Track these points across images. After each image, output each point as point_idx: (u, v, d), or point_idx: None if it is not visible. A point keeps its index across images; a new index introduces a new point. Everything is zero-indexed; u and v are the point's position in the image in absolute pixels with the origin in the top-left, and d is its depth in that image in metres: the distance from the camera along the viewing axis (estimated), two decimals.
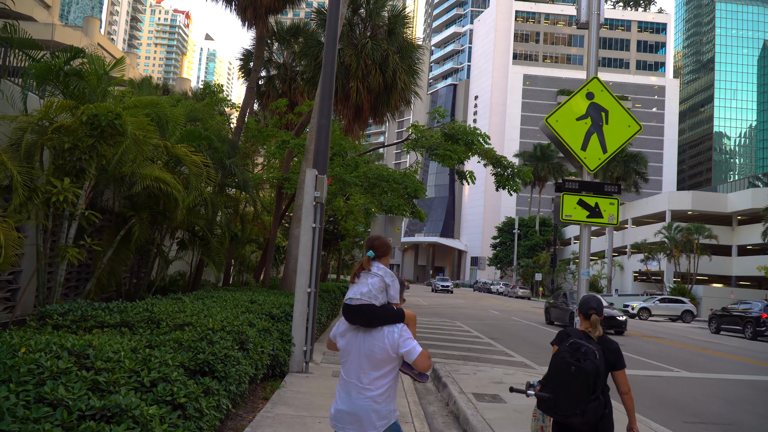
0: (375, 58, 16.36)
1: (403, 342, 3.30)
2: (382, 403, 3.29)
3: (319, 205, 9.56)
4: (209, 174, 11.14)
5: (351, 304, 3.40)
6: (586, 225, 6.31)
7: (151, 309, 7.74)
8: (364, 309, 3.36)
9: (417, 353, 3.27)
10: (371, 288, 3.38)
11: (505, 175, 16.71)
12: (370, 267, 3.49)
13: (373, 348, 3.31)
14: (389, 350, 3.29)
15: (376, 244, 3.57)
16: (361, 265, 3.52)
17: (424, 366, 3.31)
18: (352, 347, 3.39)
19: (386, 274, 3.47)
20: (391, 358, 3.31)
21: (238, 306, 9.34)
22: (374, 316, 3.35)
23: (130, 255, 11.50)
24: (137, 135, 8.74)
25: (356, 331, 3.41)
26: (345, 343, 3.44)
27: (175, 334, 5.91)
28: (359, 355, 3.34)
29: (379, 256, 3.54)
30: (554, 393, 3.74)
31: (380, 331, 3.34)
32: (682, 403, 9.43)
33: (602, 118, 6.40)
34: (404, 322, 3.41)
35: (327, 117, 10.40)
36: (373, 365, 3.30)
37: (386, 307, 3.41)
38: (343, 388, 3.39)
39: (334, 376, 9.06)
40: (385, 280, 3.43)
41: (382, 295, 3.40)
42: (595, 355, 3.72)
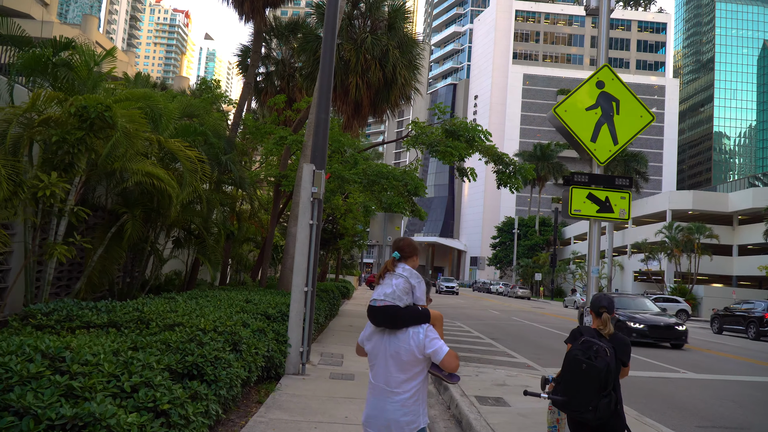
0: (375, 53, 16.05)
1: (429, 342, 3.24)
2: (410, 406, 3.25)
3: (316, 201, 9.25)
4: (203, 169, 10.81)
5: (375, 306, 3.36)
6: (596, 220, 6.01)
7: (141, 309, 7.45)
8: (388, 310, 3.31)
9: (444, 353, 3.21)
10: (395, 289, 3.32)
11: (506, 173, 16.42)
12: (395, 268, 3.43)
13: (399, 350, 3.26)
14: (415, 351, 3.24)
15: (402, 245, 3.52)
16: (386, 266, 3.48)
17: (451, 366, 3.25)
18: (378, 350, 3.36)
19: (411, 275, 3.40)
20: (418, 360, 3.26)
21: (233, 306, 9.05)
22: (398, 317, 3.30)
23: (123, 253, 11.18)
24: (128, 128, 8.42)
25: (382, 333, 3.38)
26: (371, 347, 3.42)
27: (163, 335, 5.61)
28: (386, 358, 3.31)
29: (405, 257, 3.49)
30: (567, 391, 3.86)
31: (405, 332, 3.29)
32: (692, 406, 9.12)
33: (613, 108, 6.09)
34: (430, 323, 3.36)
35: (325, 111, 10.10)
36: (400, 368, 3.26)
37: (411, 307, 3.34)
38: (372, 392, 3.37)
39: (332, 378, 8.75)
40: (411, 282, 3.37)
41: (407, 297, 3.33)
42: (606, 352, 3.81)
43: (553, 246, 69.48)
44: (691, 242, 47.20)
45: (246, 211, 17.93)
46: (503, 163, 16.60)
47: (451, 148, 14.57)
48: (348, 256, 56.13)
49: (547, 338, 18.70)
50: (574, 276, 66.26)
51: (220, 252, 15.65)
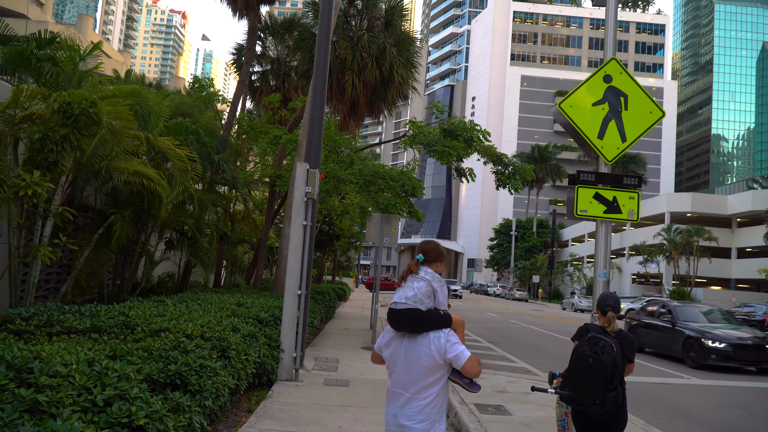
0: (371, 51, 15.74)
1: (450, 347, 3.17)
2: (428, 413, 3.18)
3: (310, 201, 8.94)
4: (194, 168, 10.50)
5: (396, 308, 3.29)
6: (604, 221, 5.71)
7: (127, 313, 7.14)
8: (410, 313, 3.23)
9: (465, 358, 3.13)
10: (417, 292, 3.25)
11: (505, 174, 16.12)
12: (418, 270, 3.37)
13: (419, 355, 3.19)
14: (436, 356, 3.17)
15: (427, 248, 3.47)
16: (410, 268, 3.41)
17: (473, 372, 3.17)
18: (397, 356, 3.29)
19: (434, 278, 3.34)
20: (438, 366, 3.18)
21: (224, 309, 8.74)
22: (420, 320, 3.23)
23: (111, 255, 10.86)
24: (114, 125, 8.11)
25: (401, 338, 3.30)
26: (390, 353, 3.35)
27: (146, 342, 5.30)
28: (405, 364, 3.24)
29: (429, 261, 3.43)
30: (574, 385, 4.02)
31: (426, 336, 3.22)
32: (699, 414, 8.82)
33: (621, 104, 5.80)
34: (452, 327, 3.29)
35: (320, 108, 9.80)
36: (419, 374, 3.19)
37: (432, 311, 3.27)
38: (391, 398, 3.31)
39: (326, 384, 8.44)
40: (433, 285, 3.30)
41: (429, 300, 3.26)
42: (613, 348, 3.96)
43: (550, 248, 69.22)
44: (690, 245, 46.96)
45: (240, 212, 17.61)
46: (502, 163, 16.30)
47: (449, 148, 14.28)
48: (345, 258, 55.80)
49: (546, 342, 18.40)
50: (572, 278, 66.00)
51: (214, 254, 15.34)
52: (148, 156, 11.43)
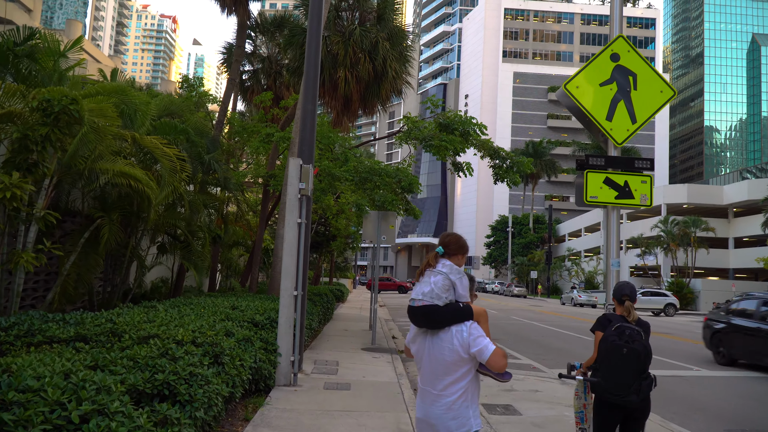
0: (364, 46, 15.40)
1: (473, 341, 3.07)
2: (458, 409, 3.08)
3: (304, 198, 8.60)
4: (184, 168, 10.13)
5: (413, 306, 3.22)
6: (615, 207, 5.39)
7: (115, 320, 6.78)
8: (427, 310, 3.16)
9: (489, 352, 3.04)
10: (434, 287, 3.15)
11: (503, 167, 15.80)
12: (435, 264, 3.25)
13: (443, 350, 3.11)
14: (460, 351, 3.07)
15: (448, 240, 3.33)
16: (427, 261, 3.29)
17: (498, 365, 3.05)
18: (422, 352, 3.24)
19: (452, 270, 3.21)
20: (464, 360, 3.09)
21: (217, 313, 8.38)
22: (438, 316, 3.13)
23: (100, 260, 10.49)
24: (97, 123, 7.74)
25: (425, 334, 3.24)
26: (416, 349, 3.29)
27: (133, 350, 4.94)
28: (430, 360, 3.17)
29: (450, 253, 3.30)
30: (608, 376, 3.97)
31: (448, 331, 3.13)
32: (716, 407, 8.52)
33: (630, 83, 5.49)
34: (474, 319, 3.17)
35: (312, 102, 9.47)
36: (445, 369, 3.11)
37: (451, 305, 3.15)
38: (420, 396, 3.25)
39: (326, 388, 8.09)
40: (450, 278, 3.17)
41: (447, 294, 3.15)
42: (641, 335, 3.98)
43: (548, 243, 69.02)
44: (688, 236, 46.80)
45: (233, 213, 17.25)
46: (499, 157, 15.98)
47: (446, 142, 13.94)
48: (341, 259, 55.46)
49: (549, 337, 18.09)
50: (569, 273, 65.83)
51: (207, 257, 14.98)
52: (136, 157, 11.07)
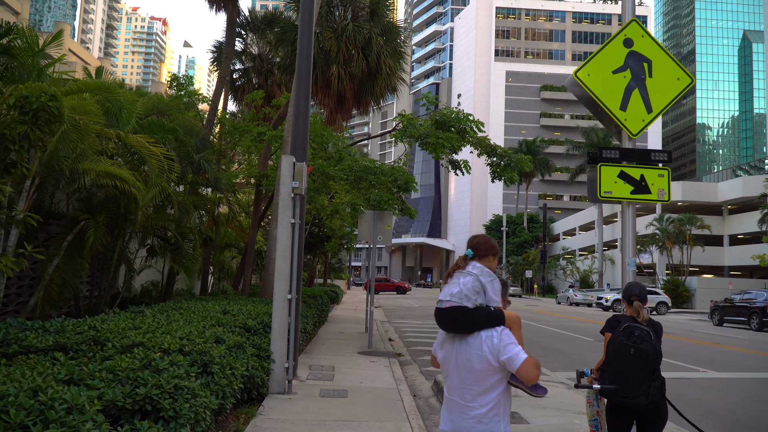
0: (357, 42, 15.03)
1: (503, 348, 2.85)
2: (488, 423, 2.89)
3: (298, 197, 8.23)
4: (171, 167, 9.74)
5: (440, 307, 3.03)
6: (630, 203, 5.05)
7: (98, 327, 6.39)
8: (455, 312, 2.96)
9: (520, 361, 2.80)
10: (462, 288, 2.97)
11: (501, 165, 15.48)
12: (465, 266, 3.08)
13: (471, 357, 2.91)
14: (489, 359, 2.87)
15: (477, 242, 3.17)
16: (457, 264, 3.11)
17: (530, 376, 2.82)
18: (450, 359, 3.03)
19: (482, 272, 3.02)
20: (494, 369, 2.88)
21: (208, 318, 8.01)
22: (466, 319, 2.93)
23: (85, 264, 10.09)
24: (78, 120, 7.35)
25: (453, 340, 3.03)
26: (443, 355, 3.09)
27: (113, 360, 4.56)
28: (457, 368, 2.97)
29: (480, 255, 3.12)
30: (616, 378, 3.86)
31: (477, 337, 2.92)
32: (727, 411, 8.21)
33: (644, 70, 5.15)
34: (505, 325, 2.94)
35: (305, 97, 9.10)
36: (474, 378, 2.91)
37: (481, 308, 2.96)
38: (446, 406, 3.05)
39: (322, 396, 7.72)
40: (481, 280, 2.98)
41: (477, 297, 2.96)
42: (650, 335, 3.87)
43: (542, 242, 68.83)
44: (683, 233, 46.67)
45: (224, 215, 16.84)
46: (496, 154, 15.67)
47: (442, 140, 13.61)
48: (336, 260, 55.07)
49: (549, 338, 17.77)
50: (564, 272, 65.65)
51: (198, 260, 14.59)
52: (123, 158, 10.69)
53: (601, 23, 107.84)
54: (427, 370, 10.82)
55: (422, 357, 12.56)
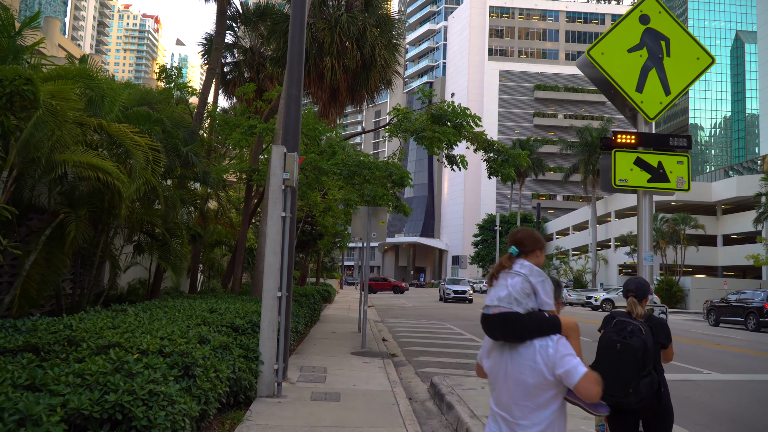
0: (351, 33, 14.61)
1: (560, 359, 2.53)
2: None
3: (289, 189, 7.81)
4: (156, 159, 9.31)
5: (487, 313, 2.74)
6: (647, 192, 4.67)
7: (75, 326, 5.97)
8: (504, 318, 2.66)
9: (579, 375, 2.48)
10: (511, 291, 2.67)
11: (498, 161, 15.12)
12: (511, 265, 2.77)
13: (523, 369, 2.61)
14: (544, 371, 2.56)
15: (520, 237, 2.86)
16: (501, 263, 2.81)
17: (590, 393, 2.48)
18: (498, 370, 2.73)
19: (532, 272, 2.72)
20: (548, 383, 2.57)
21: (193, 317, 7.58)
22: (518, 326, 2.63)
23: (66, 260, 9.63)
24: (55, 105, 6.90)
25: (501, 349, 2.73)
26: (490, 366, 2.80)
27: (81, 364, 4.15)
28: (506, 380, 2.67)
29: (526, 252, 2.81)
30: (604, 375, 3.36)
31: (530, 346, 2.61)
32: (738, 415, 7.86)
33: (662, 49, 4.78)
34: (562, 333, 2.63)
35: (297, 86, 8.70)
36: (525, 393, 2.60)
37: (534, 314, 2.65)
38: (493, 420, 2.77)
39: (314, 399, 7.31)
40: (530, 280, 2.69)
41: (527, 300, 2.65)
42: (641, 330, 3.69)
43: None
44: (677, 233, 46.53)
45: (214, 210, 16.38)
46: (493, 150, 15.32)
47: (439, 134, 13.23)
48: (328, 259, 54.62)
49: None
50: (558, 272, 65.45)
51: (187, 257, 14.14)
52: (109, 151, 10.25)
53: (594, 23, 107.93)
54: (423, 371, 10.44)
55: (417, 358, 12.18)
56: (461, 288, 40.56)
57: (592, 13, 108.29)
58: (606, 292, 40.99)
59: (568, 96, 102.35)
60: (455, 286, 41.03)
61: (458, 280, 44.12)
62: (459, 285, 41.49)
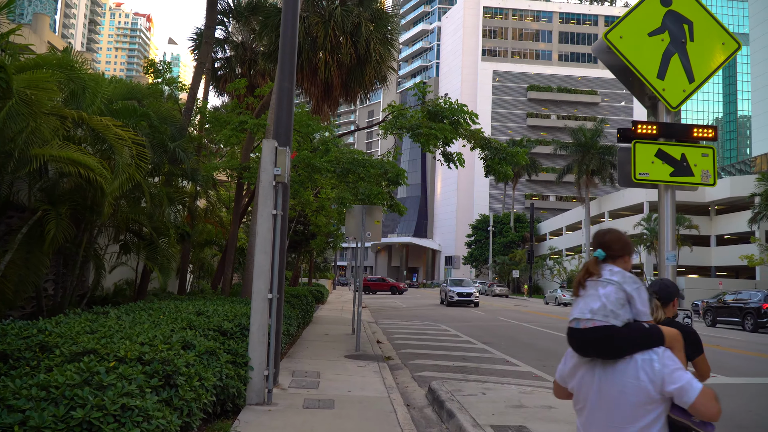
0: (345, 27, 14.22)
1: (669, 375, 2.27)
2: None
3: (280, 185, 7.41)
4: (141, 154, 8.89)
5: (578, 328, 2.46)
6: (670, 186, 4.31)
7: (50, 330, 5.57)
8: (602, 333, 2.37)
9: (696, 392, 2.22)
10: (605, 302, 2.40)
11: (495, 159, 14.76)
12: (600, 272, 2.50)
13: (623, 388, 2.32)
14: (649, 389, 2.28)
15: (608, 240, 2.60)
16: (587, 269, 2.55)
17: (710, 411, 2.22)
18: (588, 389, 2.45)
19: (625, 279, 2.45)
20: (653, 402, 2.29)
21: (179, 320, 7.18)
22: (617, 341, 2.35)
23: (46, 260, 9.20)
24: (29, 95, 6.48)
25: (592, 365, 2.46)
26: (578, 384, 2.52)
27: (47, 375, 3.74)
28: (601, 401, 2.38)
29: (614, 256, 2.56)
30: None
31: (629, 361, 2.34)
32: (754, 423, 7.53)
33: (685, 33, 4.42)
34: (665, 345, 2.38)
35: (290, 80, 8.30)
36: (626, 414, 2.32)
37: (634, 326, 2.37)
38: None
39: (306, 407, 6.91)
40: (625, 289, 2.42)
41: (623, 311, 2.39)
42: None
43: (529, 242, 68.41)
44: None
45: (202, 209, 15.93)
46: (490, 148, 14.96)
47: (435, 131, 12.85)
48: (321, 259, 54.19)
49: (543, 339, 17.10)
50: (551, 272, 65.27)
51: (175, 257, 13.72)
52: (93, 147, 9.83)
53: (587, 24, 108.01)
54: (420, 376, 10.05)
55: (413, 360, 11.80)
56: (466, 290, 35.58)
57: (585, 15, 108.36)
58: None
59: (561, 97, 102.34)
60: (459, 287, 36.06)
61: (461, 281, 38.74)
62: (463, 286, 36.45)
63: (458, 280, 39.19)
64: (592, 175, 60.02)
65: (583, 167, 59.59)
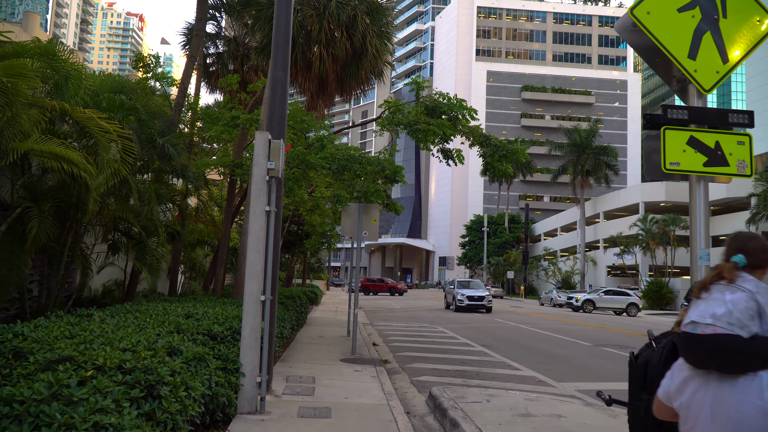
0: (341, 20, 13.83)
1: None
2: None
3: (274, 180, 7.00)
4: (128, 148, 8.46)
5: (696, 333, 2.14)
6: (702, 177, 3.93)
7: (27, 334, 5.15)
8: (725, 342, 2.06)
9: None
10: (732, 309, 2.11)
11: (495, 157, 14.41)
12: (734, 278, 2.21)
13: (743, 408, 2.03)
14: None
15: (752, 247, 2.31)
16: (719, 273, 2.26)
17: None
18: (700, 407, 2.15)
19: (759, 289, 2.17)
20: None
21: (166, 323, 6.74)
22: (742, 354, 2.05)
23: (28, 259, 8.75)
24: (5, 83, 6.04)
25: (705, 379, 2.15)
26: (687, 401, 2.22)
27: (10, 388, 3.32)
28: (716, 421, 2.08)
29: (754, 265, 2.29)
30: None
31: (753, 379, 2.05)
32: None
33: (717, 8, 4.03)
34: None
35: (283, 69, 7.89)
36: None
37: (761, 339, 2.09)
38: None
39: (301, 416, 6.49)
40: (757, 299, 2.13)
41: (753, 324, 2.10)
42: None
43: (524, 243, 68.17)
44: (667, 234, 46.23)
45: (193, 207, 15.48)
46: (490, 145, 14.60)
47: (434, 127, 12.47)
48: (315, 260, 53.74)
49: (543, 342, 16.73)
50: (546, 273, 65.04)
51: (165, 257, 13.29)
52: (79, 142, 9.40)
53: (581, 24, 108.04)
54: (419, 380, 9.66)
55: (411, 364, 11.40)
56: (478, 293, 31.47)
57: (579, 15, 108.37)
58: (587, 293, 40.65)
59: (556, 97, 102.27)
60: (469, 290, 32.01)
61: (469, 282, 34.93)
62: (473, 289, 32.49)
63: (466, 281, 35.69)
64: (587, 175, 59.84)
65: (578, 167, 59.40)
